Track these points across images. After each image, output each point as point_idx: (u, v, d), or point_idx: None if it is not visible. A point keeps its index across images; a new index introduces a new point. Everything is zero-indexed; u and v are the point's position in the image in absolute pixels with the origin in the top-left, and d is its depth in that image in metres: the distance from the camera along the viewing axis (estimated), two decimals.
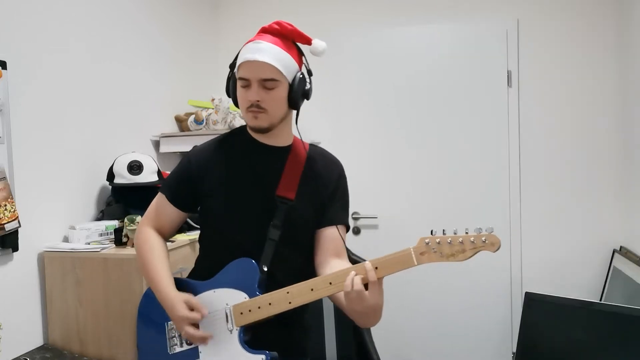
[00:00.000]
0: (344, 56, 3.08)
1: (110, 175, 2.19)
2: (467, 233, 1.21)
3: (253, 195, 1.44)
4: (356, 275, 1.22)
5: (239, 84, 1.39)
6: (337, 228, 1.47)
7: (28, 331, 1.88)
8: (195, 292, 1.43)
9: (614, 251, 2.67)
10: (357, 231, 3.09)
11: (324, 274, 1.40)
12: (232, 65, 1.44)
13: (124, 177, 2.16)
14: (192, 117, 2.74)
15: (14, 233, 1.78)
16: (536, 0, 2.85)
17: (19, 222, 1.79)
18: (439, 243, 1.21)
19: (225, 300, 1.38)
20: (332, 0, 3.13)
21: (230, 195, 1.44)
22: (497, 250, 1.20)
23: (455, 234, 1.21)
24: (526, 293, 2.12)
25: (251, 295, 1.36)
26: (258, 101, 1.36)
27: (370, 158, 3.07)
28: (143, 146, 2.55)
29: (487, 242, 1.19)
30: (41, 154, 1.95)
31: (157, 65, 2.71)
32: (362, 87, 3.07)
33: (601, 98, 2.78)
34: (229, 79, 1.45)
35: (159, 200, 1.54)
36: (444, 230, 1.22)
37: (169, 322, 1.45)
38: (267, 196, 1.42)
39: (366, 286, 1.22)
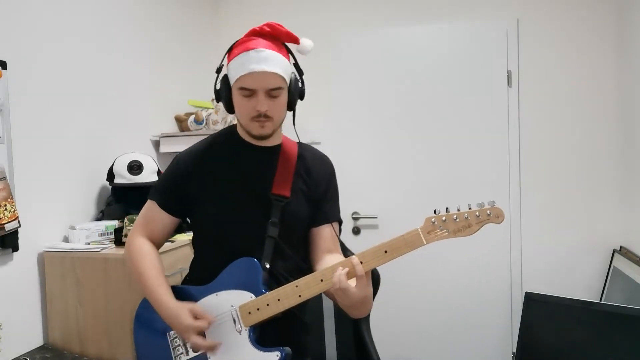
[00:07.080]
0: (344, 56, 3.08)
1: (110, 175, 2.20)
2: (470, 209, 1.22)
3: (247, 195, 1.43)
4: (343, 270, 1.24)
5: (240, 93, 1.36)
6: (332, 225, 1.51)
7: (28, 331, 1.88)
8: (196, 299, 1.40)
9: (614, 251, 2.67)
10: (357, 231, 3.09)
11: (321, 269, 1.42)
12: (220, 69, 1.42)
13: (124, 177, 2.16)
14: (192, 117, 2.74)
15: (14, 233, 1.78)
16: (536, 0, 2.85)
17: (19, 222, 1.79)
18: (444, 221, 1.23)
19: (230, 302, 1.36)
20: (332, 0, 3.13)
21: (223, 197, 1.43)
22: (501, 222, 1.21)
23: (458, 210, 1.22)
24: (526, 293, 2.12)
25: (257, 293, 1.34)
26: (266, 111, 1.35)
27: (371, 158, 3.07)
28: (143, 146, 2.55)
29: (491, 215, 1.21)
30: (41, 154, 1.95)
31: (157, 65, 2.71)
32: (362, 87, 3.07)
33: (601, 98, 2.78)
34: (221, 84, 1.42)
35: (149, 207, 1.51)
36: (447, 208, 1.23)
37: (170, 332, 1.42)
38: (262, 195, 1.42)
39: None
